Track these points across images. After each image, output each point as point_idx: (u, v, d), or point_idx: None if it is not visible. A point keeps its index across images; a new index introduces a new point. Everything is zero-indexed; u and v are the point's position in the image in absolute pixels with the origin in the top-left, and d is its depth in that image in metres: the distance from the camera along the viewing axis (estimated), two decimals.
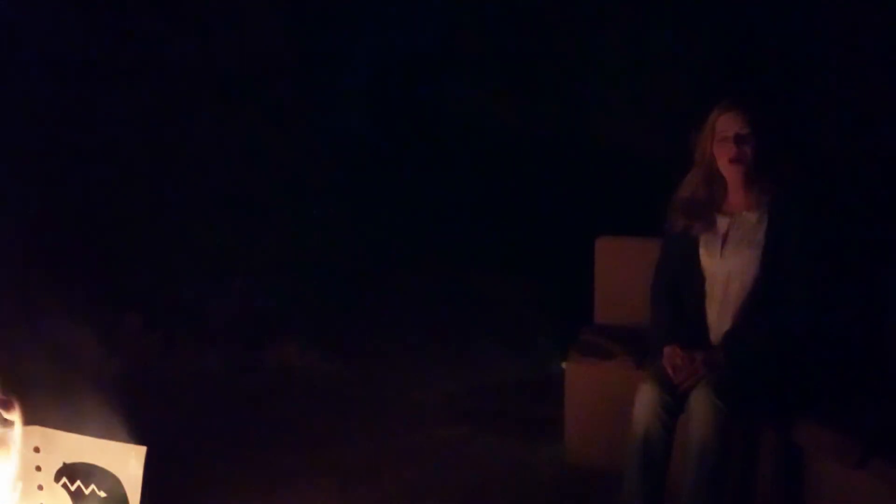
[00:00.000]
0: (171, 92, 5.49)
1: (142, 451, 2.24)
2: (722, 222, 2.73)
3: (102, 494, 2.31)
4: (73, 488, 2.34)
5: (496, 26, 5.73)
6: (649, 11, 5.29)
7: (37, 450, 2.33)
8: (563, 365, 3.34)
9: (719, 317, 2.71)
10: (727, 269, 2.68)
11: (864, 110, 4.54)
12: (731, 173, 2.70)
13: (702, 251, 2.74)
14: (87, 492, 2.33)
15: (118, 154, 5.25)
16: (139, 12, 5.50)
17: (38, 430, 2.34)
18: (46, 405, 2.65)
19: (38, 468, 2.34)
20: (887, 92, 4.49)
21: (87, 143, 5.10)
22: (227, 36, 5.58)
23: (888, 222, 3.57)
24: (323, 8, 5.73)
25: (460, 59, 5.82)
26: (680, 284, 2.80)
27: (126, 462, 2.24)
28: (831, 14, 4.63)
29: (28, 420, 2.37)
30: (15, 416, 2.28)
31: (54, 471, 2.34)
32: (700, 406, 2.46)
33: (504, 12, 5.65)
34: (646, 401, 2.57)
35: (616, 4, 5.38)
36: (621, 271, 3.49)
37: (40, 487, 2.36)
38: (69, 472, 2.35)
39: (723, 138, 2.68)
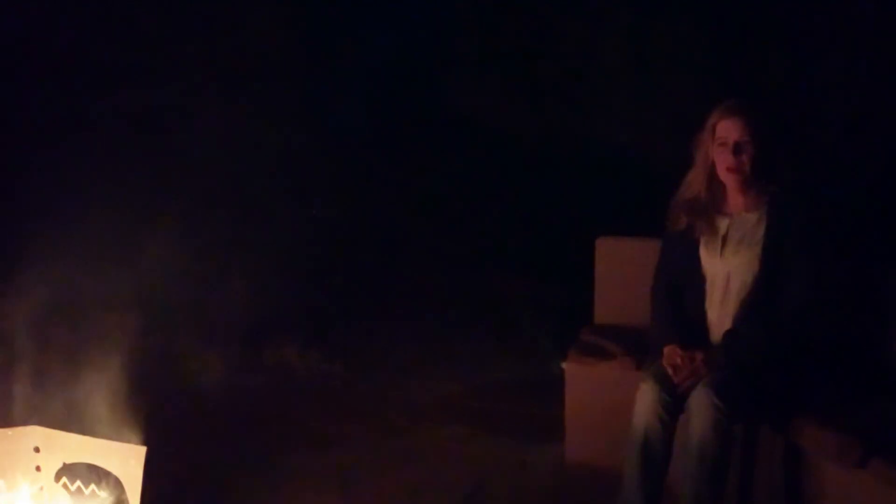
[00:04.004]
0: (169, 91, 5.48)
1: (142, 451, 2.24)
2: (722, 223, 2.73)
3: (102, 494, 2.31)
4: (73, 488, 2.34)
5: (497, 26, 5.73)
6: (650, 12, 5.29)
7: (37, 450, 2.33)
8: (563, 365, 3.34)
9: (719, 317, 2.71)
10: (727, 269, 2.68)
11: (863, 111, 4.54)
12: (728, 181, 2.71)
13: (702, 251, 2.74)
14: (87, 492, 2.33)
15: (117, 153, 5.24)
16: (139, 12, 5.50)
17: (38, 430, 2.34)
18: (47, 405, 2.65)
19: (38, 468, 2.34)
20: (887, 92, 4.49)
21: (86, 143, 5.09)
22: (226, 35, 5.58)
23: (887, 222, 3.57)
24: (324, 8, 5.74)
25: (460, 60, 5.82)
26: (680, 285, 2.80)
27: (126, 462, 2.24)
28: (831, 13, 4.64)
29: (28, 420, 2.37)
30: None
31: (54, 471, 2.34)
32: (700, 406, 2.46)
33: (504, 12, 5.65)
34: (646, 401, 2.58)
35: (617, 4, 5.39)
36: (621, 271, 3.49)
37: (41, 488, 2.35)
38: (69, 472, 2.35)
39: (721, 144, 2.68)
